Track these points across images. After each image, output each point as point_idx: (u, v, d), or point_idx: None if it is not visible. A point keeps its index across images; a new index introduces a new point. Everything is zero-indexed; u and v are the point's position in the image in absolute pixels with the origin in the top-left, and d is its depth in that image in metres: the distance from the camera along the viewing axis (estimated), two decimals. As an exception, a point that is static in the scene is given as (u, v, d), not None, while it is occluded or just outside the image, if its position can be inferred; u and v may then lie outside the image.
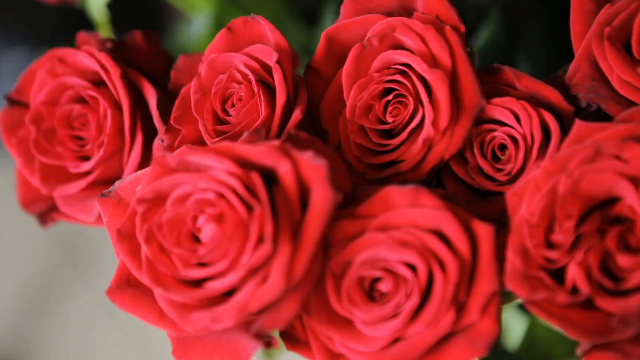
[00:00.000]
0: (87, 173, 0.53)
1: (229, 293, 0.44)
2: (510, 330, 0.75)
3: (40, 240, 1.14)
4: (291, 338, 0.46)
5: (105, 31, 0.72)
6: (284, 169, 0.43)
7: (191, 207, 0.44)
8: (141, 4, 1.13)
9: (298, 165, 0.43)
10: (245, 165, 0.44)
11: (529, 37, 0.75)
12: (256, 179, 0.43)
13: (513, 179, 0.47)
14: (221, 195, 0.43)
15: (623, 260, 0.41)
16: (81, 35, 0.56)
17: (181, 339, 0.45)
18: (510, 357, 0.73)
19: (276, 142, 0.44)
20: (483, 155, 0.47)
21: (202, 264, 0.44)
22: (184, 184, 0.44)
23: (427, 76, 0.47)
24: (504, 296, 0.45)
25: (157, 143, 0.52)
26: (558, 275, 0.43)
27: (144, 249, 0.44)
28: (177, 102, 0.51)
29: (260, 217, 0.42)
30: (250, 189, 0.43)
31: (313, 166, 0.43)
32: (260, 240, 0.42)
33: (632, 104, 0.46)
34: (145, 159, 0.53)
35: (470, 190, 0.48)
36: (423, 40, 0.47)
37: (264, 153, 0.44)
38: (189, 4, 0.81)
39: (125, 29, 0.58)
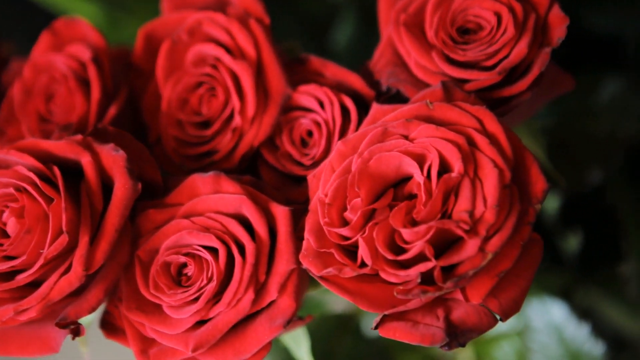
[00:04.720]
0: None
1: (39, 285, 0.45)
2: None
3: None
4: (109, 327, 0.47)
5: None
6: (84, 161, 0.44)
7: (-4, 203, 0.45)
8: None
9: (100, 158, 0.45)
10: (51, 160, 0.45)
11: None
12: (57, 172, 0.44)
13: (317, 162, 0.48)
14: (23, 190, 0.44)
15: (406, 233, 0.42)
16: None
17: (0, 332, 0.46)
18: (378, 345, 0.74)
19: (78, 137, 0.45)
20: (291, 141, 0.49)
21: (10, 257, 0.45)
22: (-12, 180, 0.45)
23: (233, 67, 0.48)
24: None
25: (-12, 146, 0.53)
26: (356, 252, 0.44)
27: (-47, 246, 0.45)
28: (3, 104, 0.52)
29: (57, 208, 0.43)
30: (52, 182, 0.44)
31: (113, 157, 0.44)
32: (59, 231, 0.43)
33: (428, 86, 0.48)
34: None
35: (283, 176, 0.50)
36: (229, 33, 0.49)
37: (66, 147, 0.45)
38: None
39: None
